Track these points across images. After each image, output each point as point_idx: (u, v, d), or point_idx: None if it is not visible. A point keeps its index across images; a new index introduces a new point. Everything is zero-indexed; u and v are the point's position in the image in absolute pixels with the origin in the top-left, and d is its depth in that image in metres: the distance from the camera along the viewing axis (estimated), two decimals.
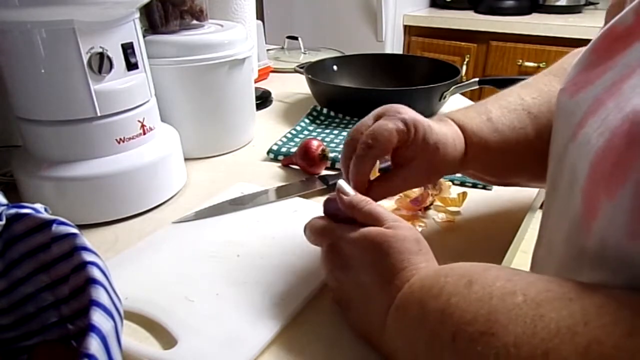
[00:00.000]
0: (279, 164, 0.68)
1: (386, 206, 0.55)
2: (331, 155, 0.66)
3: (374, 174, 0.55)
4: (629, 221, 0.22)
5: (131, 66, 0.52)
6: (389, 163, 0.44)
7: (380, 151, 0.39)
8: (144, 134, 0.55)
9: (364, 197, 0.38)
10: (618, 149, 0.24)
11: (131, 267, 0.45)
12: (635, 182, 0.22)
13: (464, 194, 0.55)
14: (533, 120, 0.45)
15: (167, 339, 0.37)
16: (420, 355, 0.29)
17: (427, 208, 0.55)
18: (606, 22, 0.35)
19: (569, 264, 0.30)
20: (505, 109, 0.46)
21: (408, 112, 0.42)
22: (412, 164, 0.42)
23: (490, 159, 0.45)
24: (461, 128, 0.45)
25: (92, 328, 0.24)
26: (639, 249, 0.22)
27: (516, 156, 0.45)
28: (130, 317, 0.39)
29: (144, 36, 0.56)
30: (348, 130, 0.79)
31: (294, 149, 0.69)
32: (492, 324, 0.24)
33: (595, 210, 0.25)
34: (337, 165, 0.66)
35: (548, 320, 0.23)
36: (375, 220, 0.36)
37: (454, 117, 0.46)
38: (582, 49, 0.42)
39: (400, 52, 2.05)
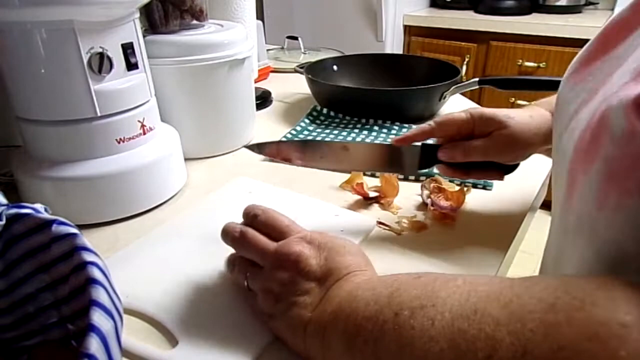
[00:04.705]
0: (279, 164, 0.68)
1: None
2: None
3: (394, 183, 0.54)
4: (596, 194, 0.24)
5: (131, 66, 0.52)
6: None
7: (440, 132, 0.50)
8: (144, 134, 0.55)
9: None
10: (592, 129, 0.26)
11: (131, 265, 0.45)
12: (603, 159, 0.24)
13: (466, 189, 0.55)
14: None
15: (168, 339, 0.37)
16: (360, 336, 0.29)
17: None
18: None
19: (559, 240, 0.31)
20: None
21: (479, 109, 0.50)
22: (487, 137, 0.48)
23: None
24: (549, 107, 0.49)
25: (92, 328, 0.24)
26: (603, 220, 0.24)
27: None
28: (131, 316, 0.39)
29: (144, 36, 0.56)
30: (348, 130, 0.79)
31: None
32: (433, 300, 0.27)
33: (575, 186, 0.27)
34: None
35: (481, 291, 0.26)
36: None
37: (542, 102, 0.51)
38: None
39: (400, 52, 2.05)
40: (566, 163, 0.29)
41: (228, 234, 0.40)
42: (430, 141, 0.52)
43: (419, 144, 0.51)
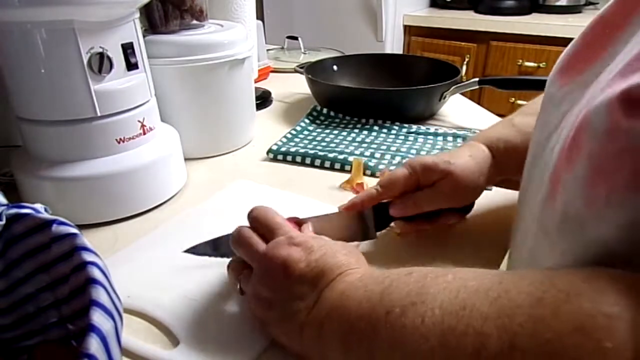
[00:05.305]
0: (279, 164, 0.68)
1: None
2: (340, 157, 0.66)
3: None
4: (584, 190, 0.24)
5: (131, 66, 0.52)
6: None
7: (387, 194, 0.46)
8: (144, 134, 0.55)
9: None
10: (576, 127, 0.25)
11: (131, 265, 0.45)
12: (588, 153, 0.23)
13: None
14: None
15: (169, 339, 0.37)
16: (354, 335, 0.29)
17: None
18: None
19: (535, 241, 0.31)
20: (528, 115, 0.49)
21: (418, 159, 0.47)
22: (433, 186, 0.46)
23: (521, 159, 0.44)
24: (487, 142, 0.49)
25: (92, 328, 0.24)
26: (592, 217, 0.23)
27: None
28: (132, 316, 0.39)
29: (144, 36, 0.56)
30: (348, 130, 0.79)
31: (293, 149, 0.69)
32: (423, 296, 0.27)
33: (557, 186, 0.27)
34: (347, 168, 0.65)
35: (470, 286, 0.26)
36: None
37: (479, 135, 0.52)
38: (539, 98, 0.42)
39: (400, 52, 2.04)
40: (552, 163, 0.29)
41: (232, 234, 0.39)
42: None
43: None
